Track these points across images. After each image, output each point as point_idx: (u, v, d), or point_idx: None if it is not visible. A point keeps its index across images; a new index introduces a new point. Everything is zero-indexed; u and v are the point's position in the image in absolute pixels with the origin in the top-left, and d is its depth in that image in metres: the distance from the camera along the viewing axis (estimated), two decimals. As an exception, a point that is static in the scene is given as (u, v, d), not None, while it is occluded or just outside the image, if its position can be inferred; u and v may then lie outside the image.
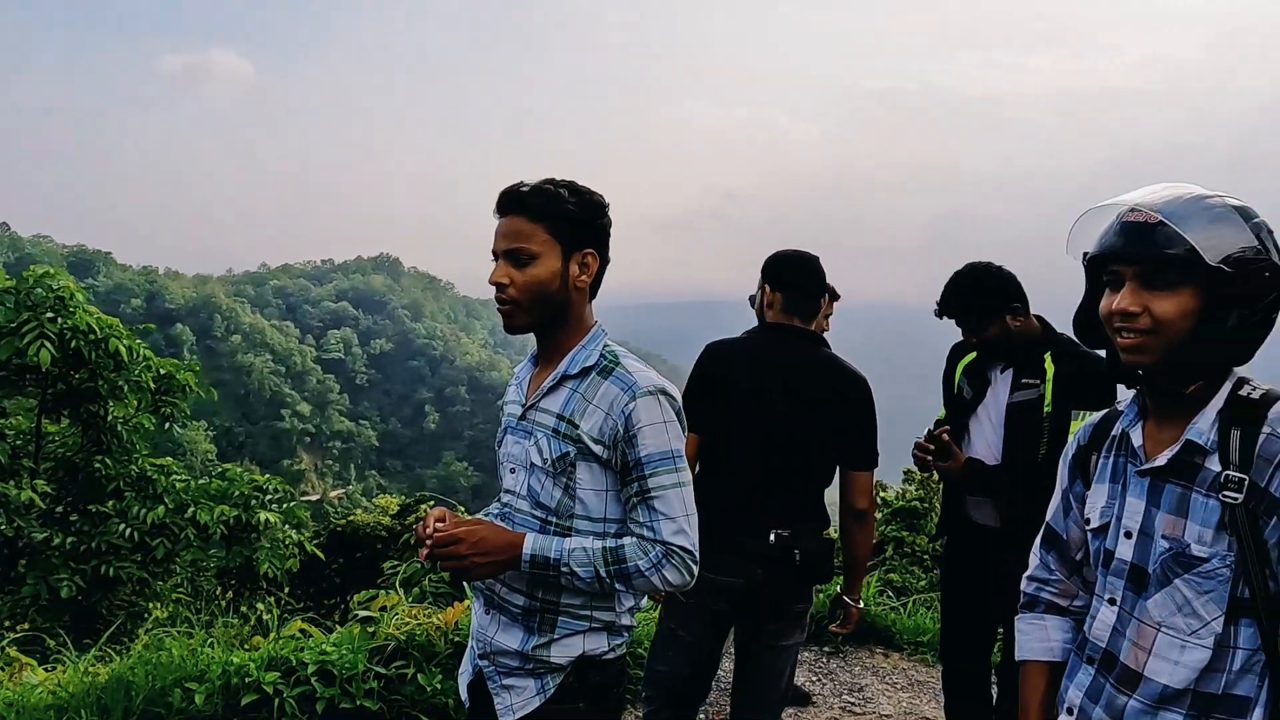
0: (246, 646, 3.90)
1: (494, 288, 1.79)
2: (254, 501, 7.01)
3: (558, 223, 1.78)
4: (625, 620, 1.86)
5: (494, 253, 1.81)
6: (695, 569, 1.77)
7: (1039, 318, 2.93)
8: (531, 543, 1.73)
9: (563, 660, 1.79)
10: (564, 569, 1.72)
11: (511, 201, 1.79)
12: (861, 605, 2.84)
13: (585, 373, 1.81)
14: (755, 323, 2.92)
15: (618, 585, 1.74)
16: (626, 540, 1.75)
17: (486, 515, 2.03)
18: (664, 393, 1.78)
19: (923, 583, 7.24)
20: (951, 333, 3.03)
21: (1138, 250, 1.36)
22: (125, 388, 6.81)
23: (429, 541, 1.72)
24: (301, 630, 3.98)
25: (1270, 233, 1.37)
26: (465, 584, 3.47)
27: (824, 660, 4.84)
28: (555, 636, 1.80)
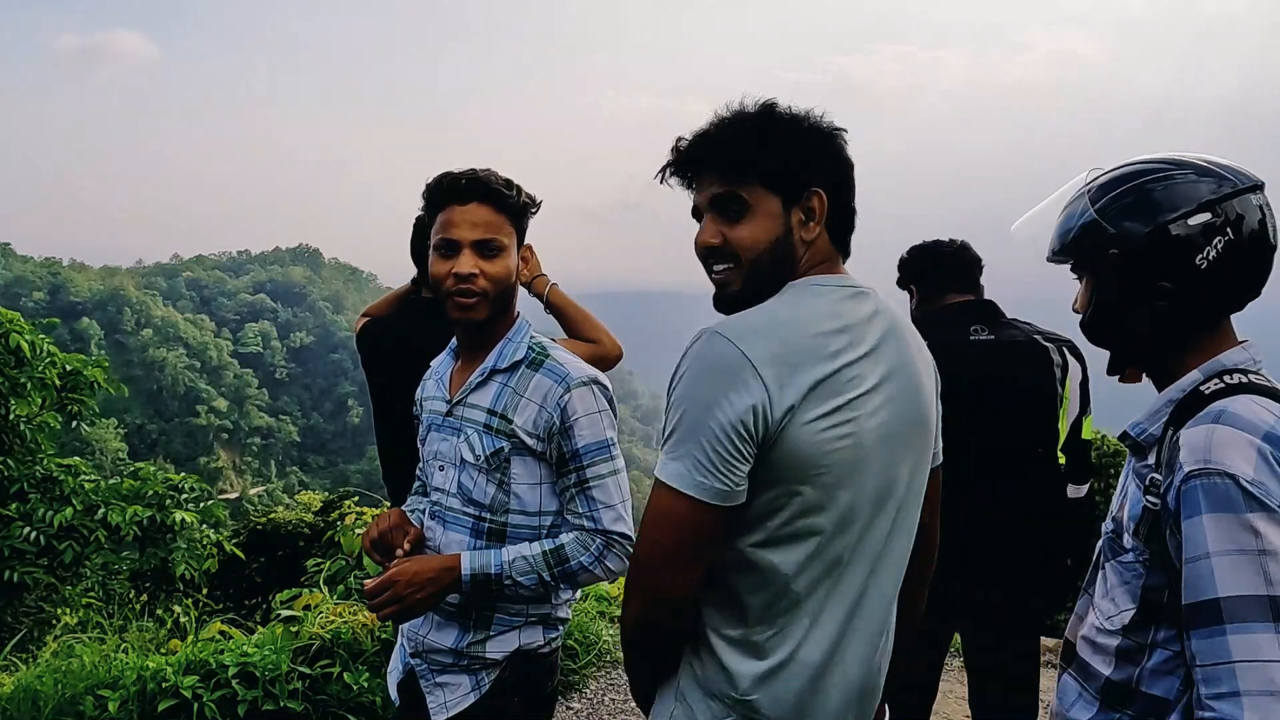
0: (163, 651, 3.79)
1: (451, 278, 1.73)
2: (169, 501, 6.79)
3: (517, 217, 1.80)
4: (561, 613, 1.86)
5: (451, 240, 1.74)
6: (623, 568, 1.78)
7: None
8: (469, 562, 1.70)
9: (498, 655, 1.78)
10: (507, 581, 1.70)
11: (479, 190, 1.75)
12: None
13: (515, 366, 1.79)
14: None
15: (563, 585, 1.74)
16: (565, 539, 1.74)
17: (410, 510, 2.00)
18: (596, 382, 1.78)
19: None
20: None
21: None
22: (28, 385, 6.52)
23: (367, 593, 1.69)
24: (221, 632, 3.89)
25: (1137, 196, 1.27)
26: None
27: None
28: (491, 633, 1.78)
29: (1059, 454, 2.59)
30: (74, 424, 7.25)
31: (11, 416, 6.57)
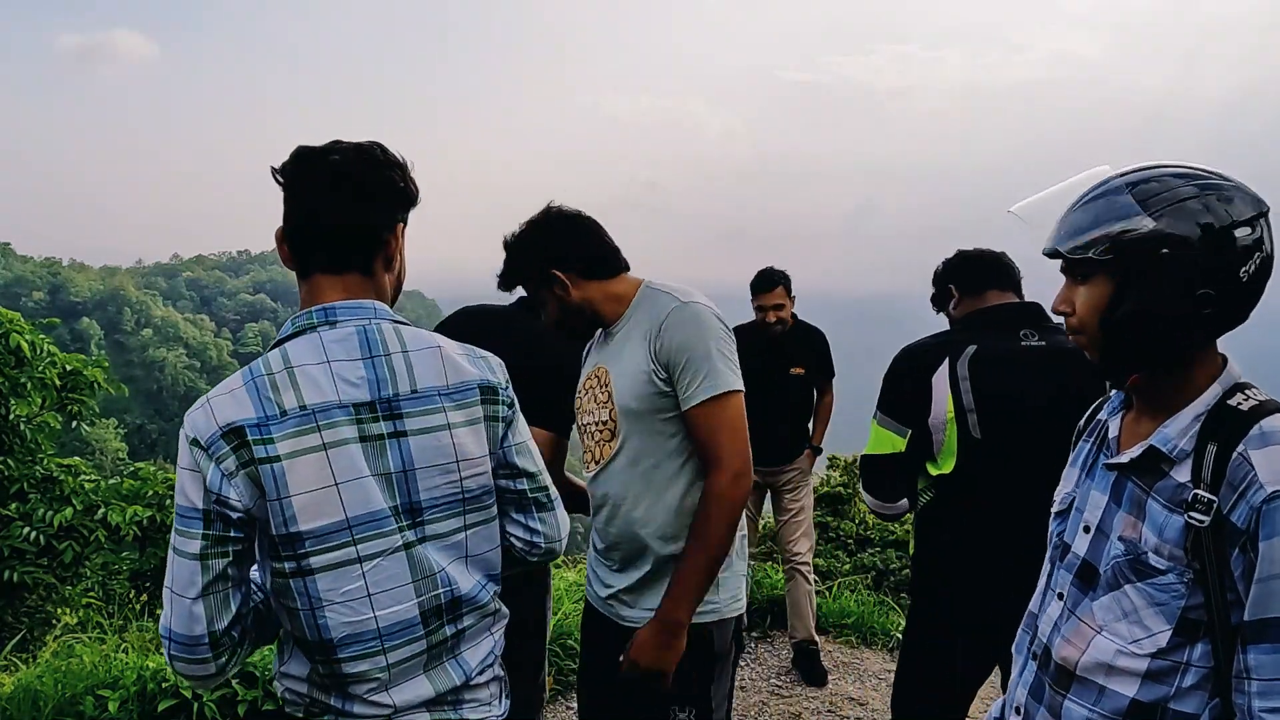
0: (162, 651, 3.79)
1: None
2: (169, 501, 6.77)
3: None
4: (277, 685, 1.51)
5: None
6: (183, 669, 1.38)
7: None
8: None
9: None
10: None
11: None
12: None
13: None
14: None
15: None
16: None
17: None
18: (191, 431, 1.34)
19: (846, 566, 7.40)
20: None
21: (1050, 246, 1.33)
22: (28, 385, 6.50)
23: None
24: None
25: (1195, 200, 1.24)
26: None
27: (751, 645, 4.92)
28: None
29: None
30: (74, 424, 7.22)
31: (11, 416, 6.57)
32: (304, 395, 1.35)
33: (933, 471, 2.47)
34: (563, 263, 2.09)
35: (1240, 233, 1.22)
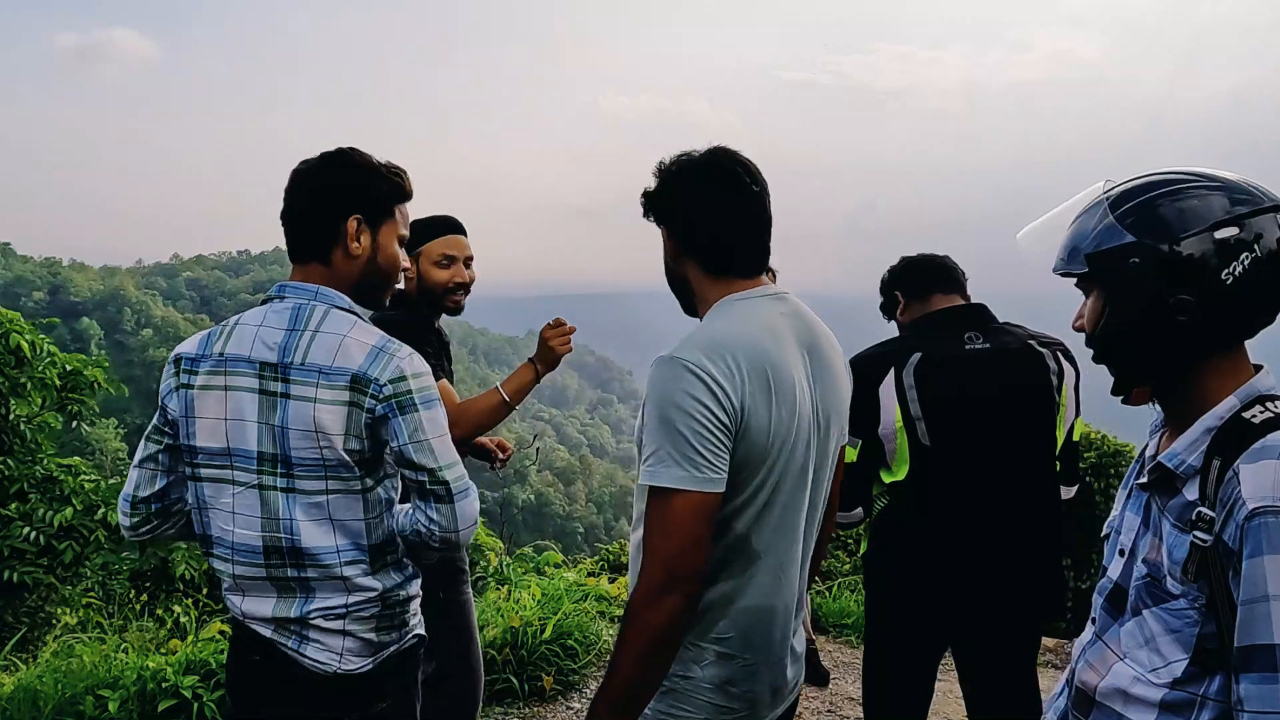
0: (163, 651, 3.79)
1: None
2: (169, 501, 6.77)
3: None
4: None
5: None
6: (119, 519, 1.87)
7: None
8: None
9: None
10: None
11: None
12: None
13: None
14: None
15: None
16: None
17: None
18: (171, 353, 1.83)
19: (846, 566, 7.40)
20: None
21: (1053, 266, 1.34)
22: (28, 385, 6.50)
23: None
24: (221, 632, 3.89)
25: (1163, 206, 1.21)
26: None
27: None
28: None
29: (1055, 460, 2.55)
30: (74, 424, 7.22)
31: (11, 416, 6.57)
32: (228, 346, 1.71)
33: (887, 479, 2.51)
34: (669, 223, 1.73)
35: (1221, 233, 1.17)
